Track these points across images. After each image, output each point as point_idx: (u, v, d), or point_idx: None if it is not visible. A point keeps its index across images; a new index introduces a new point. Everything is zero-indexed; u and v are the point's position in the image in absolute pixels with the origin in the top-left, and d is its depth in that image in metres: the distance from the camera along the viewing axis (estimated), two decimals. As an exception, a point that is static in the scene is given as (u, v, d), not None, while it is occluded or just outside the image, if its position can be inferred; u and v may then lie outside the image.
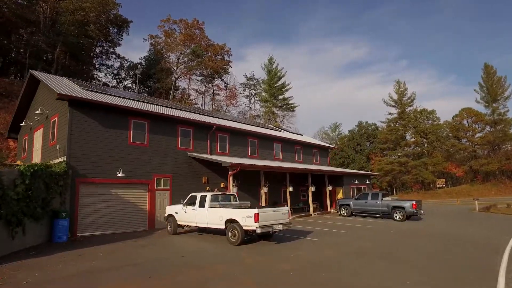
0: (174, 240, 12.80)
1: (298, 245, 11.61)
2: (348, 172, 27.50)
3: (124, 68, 60.50)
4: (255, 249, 10.87)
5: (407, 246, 11.49)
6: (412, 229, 16.01)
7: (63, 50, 43.05)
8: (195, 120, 19.16)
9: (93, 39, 48.58)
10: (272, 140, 24.63)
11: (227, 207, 12.06)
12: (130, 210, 16.05)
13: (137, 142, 16.56)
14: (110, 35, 54.52)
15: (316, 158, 29.20)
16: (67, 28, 42.36)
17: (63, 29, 42.09)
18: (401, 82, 67.52)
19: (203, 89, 56.63)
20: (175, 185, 17.64)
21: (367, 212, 20.81)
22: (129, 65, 59.86)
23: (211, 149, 19.99)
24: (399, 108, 66.39)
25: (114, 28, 54.77)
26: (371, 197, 20.82)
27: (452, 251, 10.52)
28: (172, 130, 18.21)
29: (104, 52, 55.56)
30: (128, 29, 55.91)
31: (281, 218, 11.65)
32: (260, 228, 10.73)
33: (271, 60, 60.06)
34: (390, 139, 65.00)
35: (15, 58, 43.36)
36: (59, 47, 41.93)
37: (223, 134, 20.93)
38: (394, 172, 62.49)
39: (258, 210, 10.82)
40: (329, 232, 14.80)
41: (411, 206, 18.99)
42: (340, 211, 22.04)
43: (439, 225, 17.70)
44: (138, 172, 16.35)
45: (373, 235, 13.95)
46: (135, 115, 16.60)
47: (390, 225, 17.60)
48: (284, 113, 60.14)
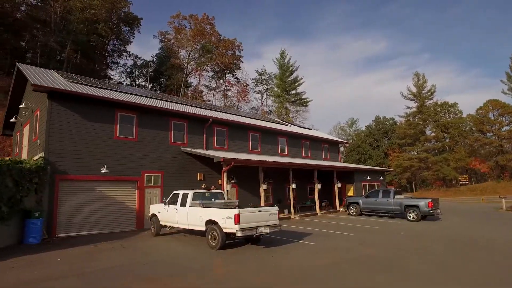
0: (151, 243, 11.49)
1: (288, 250, 10.04)
2: (359, 168, 25.53)
3: (137, 67, 60.36)
4: (235, 255, 9.39)
5: (419, 253, 9.68)
6: (427, 231, 14.06)
7: (73, 49, 42.91)
8: (189, 113, 17.82)
9: (103, 37, 48.35)
10: (276, 134, 23.01)
11: (209, 207, 10.60)
12: (117, 209, 14.91)
13: (124, 136, 15.39)
14: (122, 33, 54.31)
15: (326, 154, 27.35)
16: (76, 27, 42.15)
17: (73, 28, 41.89)
18: (420, 74, 64.20)
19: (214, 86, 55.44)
20: (167, 183, 16.39)
21: (377, 211, 18.89)
22: (142, 63, 59.63)
23: (207, 143, 18.62)
24: (418, 101, 63.06)
25: (126, 26, 54.52)
26: (382, 195, 18.87)
27: (475, 260, 8.65)
28: (164, 123, 16.95)
29: (116, 51, 55.46)
30: (139, 26, 55.55)
31: (268, 219, 10.09)
32: (241, 231, 9.23)
33: (283, 54, 58.17)
34: (408, 134, 61.84)
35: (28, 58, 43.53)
36: (69, 45, 41.79)
37: (221, 128, 19.51)
38: (413, 169, 59.40)
39: (239, 210, 9.32)
40: (330, 234, 13.11)
41: (426, 205, 16.95)
42: (349, 210, 20.21)
43: (460, 226, 15.61)
44: (125, 168, 15.19)
45: (380, 239, 12.16)
46: (122, 108, 15.44)
47: (402, 226, 15.68)
48: (297, 108, 58.21)
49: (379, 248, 10.38)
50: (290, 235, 12.79)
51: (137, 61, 59.65)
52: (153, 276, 7.04)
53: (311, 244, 11.03)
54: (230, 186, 15.86)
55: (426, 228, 14.86)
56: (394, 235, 13.02)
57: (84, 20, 43.66)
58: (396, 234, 13.13)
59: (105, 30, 45.73)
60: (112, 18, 51.11)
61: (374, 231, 14.09)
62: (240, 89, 55.36)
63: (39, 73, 16.06)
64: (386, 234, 13.14)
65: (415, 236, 12.74)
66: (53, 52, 42.42)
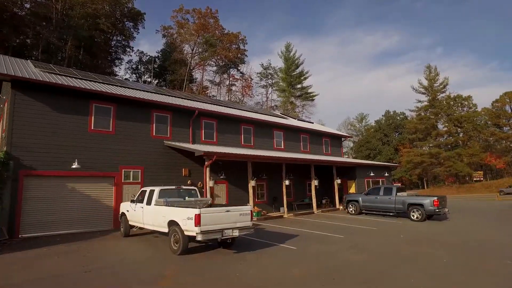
0: (113, 246, 10.26)
1: (262, 256, 8.63)
2: (361, 163, 23.81)
3: (143, 63, 59.61)
4: (198, 261, 8.03)
5: (415, 261, 8.13)
6: (431, 233, 12.40)
7: (75, 45, 42.17)
8: (173, 105, 16.51)
9: (106, 33, 47.58)
10: (271, 127, 21.51)
11: (176, 206, 9.26)
12: (92, 207, 13.76)
13: (100, 129, 14.20)
14: (126, 29, 53.51)
15: (327, 148, 25.69)
16: (77, 22, 41.42)
17: (73, 23, 41.18)
18: (432, 67, 61.43)
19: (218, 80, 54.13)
20: (148, 178, 15.17)
21: (378, 210, 17.24)
22: (148, 59, 58.79)
23: (194, 137, 17.31)
24: (430, 95, 60.37)
25: (130, 22, 53.68)
26: (384, 192, 17.19)
27: (484, 274, 7.05)
28: (145, 116, 15.71)
29: (119, 47, 54.71)
30: (143, 22, 54.61)
31: (239, 220, 8.68)
32: (202, 234, 7.87)
33: (289, 47, 56.31)
34: (419, 128, 59.33)
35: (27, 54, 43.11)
36: (70, 41, 41.12)
37: (210, 121, 18.16)
38: (424, 164, 56.93)
39: (200, 210, 7.94)
40: (319, 237, 11.62)
41: (432, 203, 15.22)
42: (348, 209, 18.59)
43: (469, 228, 13.85)
44: (101, 163, 14.02)
45: (374, 242, 10.61)
46: (97, 99, 14.24)
47: (403, 227, 14.03)
48: (303, 103, 56.31)
49: (369, 254, 8.86)
50: (273, 237, 11.37)
51: (143, 57, 58.97)
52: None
53: (292, 248, 9.58)
54: (213, 182, 14.51)
55: (430, 230, 13.19)
56: (392, 237, 11.43)
57: (85, 15, 42.91)
58: (394, 237, 11.54)
59: (107, 25, 44.83)
60: (116, 14, 50.39)
61: (370, 232, 12.52)
62: (244, 83, 53.89)
63: (11, 62, 15.02)
64: (383, 237, 11.56)
65: (415, 239, 11.12)
66: (55, 49, 41.81)
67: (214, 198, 17.39)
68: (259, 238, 11.14)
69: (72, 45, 42.06)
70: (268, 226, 14.23)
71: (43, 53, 40.30)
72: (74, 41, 41.73)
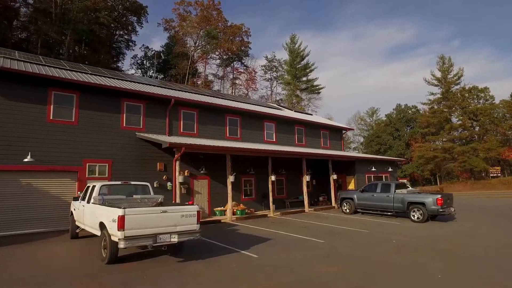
0: (48, 250, 8.79)
1: (210, 266, 6.97)
2: (361, 157, 21.77)
3: (148, 58, 58.67)
4: (123, 274, 6.43)
5: (401, 276, 6.32)
6: (431, 237, 10.45)
7: (73, 39, 41.33)
8: (146, 93, 14.96)
9: (107, 27, 46.63)
10: (261, 119, 19.73)
11: (112, 204, 7.68)
12: (52, 204, 12.40)
13: (60, 119, 12.80)
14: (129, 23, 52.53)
15: (325, 141, 23.74)
16: (75, 15, 40.50)
17: (72, 17, 40.29)
18: (445, 57, 57.94)
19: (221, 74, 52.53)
20: (117, 173, 13.70)
21: (375, 209, 15.29)
22: (153, 54, 57.78)
23: (171, 128, 15.76)
24: (443, 87, 57.04)
25: (132, 16, 52.64)
26: (381, 188, 15.22)
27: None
28: (114, 105, 14.23)
29: (123, 41, 53.81)
30: (146, 16, 53.52)
31: (180, 223, 7.04)
32: (125, 240, 6.28)
33: (294, 38, 54.00)
34: (432, 122, 56.17)
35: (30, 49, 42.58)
36: (69, 35, 40.29)
37: (190, 111, 16.56)
38: (437, 160, 53.86)
39: (125, 211, 6.34)
40: (295, 242, 9.87)
41: (435, 202, 13.20)
42: (342, 207, 16.70)
43: (479, 230, 11.81)
44: (62, 157, 12.63)
45: (359, 249, 8.79)
46: (57, 86, 12.83)
47: (399, 229, 12.11)
48: (309, 96, 54.08)
49: (345, 266, 7.08)
50: (240, 241, 9.70)
51: (148, 52, 58.01)
52: None
53: (252, 257, 7.88)
54: (183, 177, 12.92)
55: (431, 233, 11.22)
56: (382, 243, 9.57)
57: (85, 9, 41.95)
58: (384, 242, 9.68)
59: (107, 19, 43.82)
60: (117, 7, 49.43)
61: (358, 236, 10.67)
62: (248, 77, 52.11)
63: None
64: (371, 242, 9.71)
65: (410, 245, 9.23)
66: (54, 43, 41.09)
67: (194, 195, 15.89)
68: (223, 242, 9.49)
69: (72, 39, 41.26)
70: (244, 227, 12.56)
71: (43, 48, 39.63)
72: (73, 35, 40.90)
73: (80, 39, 43.73)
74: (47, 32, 38.76)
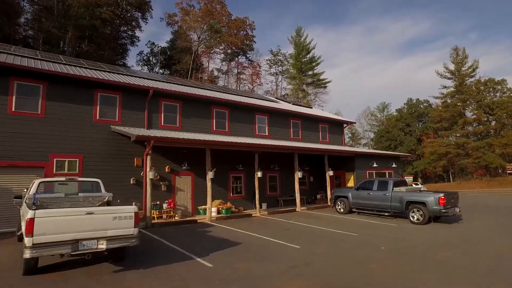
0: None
1: (146, 279, 5.76)
2: (361, 152, 20.17)
3: (154, 54, 58.08)
4: (38, 285, 5.31)
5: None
6: (428, 243, 8.97)
7: (75, 35, 40.83)
8: (121, 83, 13.83)
9: (110, 22, 46.00)
10: (252, 111, 18.40)
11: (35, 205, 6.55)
12: (12, 202, 11.45)
13: (24, 111, 11.82)
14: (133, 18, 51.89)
15: (324, 135, 22.21)
16: (77, 11, 39.95)
17: (73, 12, 39.76)
18: (459, 49, 55.06)
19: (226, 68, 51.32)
20: (90, 169, 12.67)
21: (371, 209, 13.79)
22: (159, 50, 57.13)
23: (150, 121, 14.63)
24: (457, 80, 54.26)
25: (136, 12, 51.95)
26: (378, 186, 13.70)
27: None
28: (87, 96, 13.16)
29: (127, 37, 53.22)
30: (150, 11, 52.75)
31: (111, 227, 5.84)
32: (32, 249, 5.12)
33: (300, 31, 52.16)
34: (445, 117, 53.59)
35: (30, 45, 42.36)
36: (71, 31, 39.80)
37: (172, 103, 15.39)
38: (450, 156, 51.37)
39: (35, 212, 5.18)
40: (267, 247, 8.57)
41: (437, 202, 11.63)
42: (336, 206, 15.25)
43: (488, 233, 10.23)
44: (26, 151, 11.66)
45: (335, 259, 7.43)
46: (19, 76, 11.84)
47: (394, 232, 10.64)
48: (316, 90, 52.23)
49: (311, 281, 5.75)
50: (201, 246, 8.45)
51: (154, 49, 57.41)
52: None
53: (206, 266, 6.63)
54: (154, 173, 11.74)
55: (430, 238, 9.73)
56: (368, 249, 8.17)
57: (86, 4, 41.34)
58: (372, 248, 8.28)
59: (109, 14, 43.14)
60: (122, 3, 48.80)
61: (343, 241, 9.28)
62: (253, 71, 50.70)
63: None
64: (355, 249, 8.32)
65: (400, 253, 7.80)
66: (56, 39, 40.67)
67: (175, 192, 14.77)
68: (183, 247, 8.27)
69: (74, 35, 40.78)
70: (220, 229, 11.31)
71: (45, 44, 39.33)
72: (74, 31, 40.40)
73: (83, 35, 43.27)
74: (48, 29, 38.37)
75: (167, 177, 14.66)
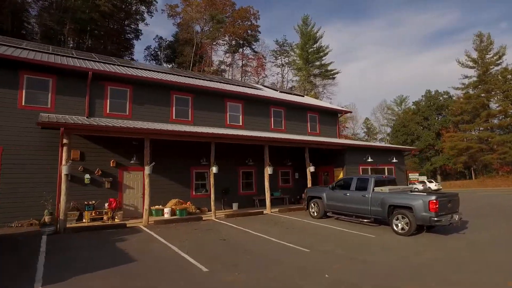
0: None
1: None
2: (353, 144, 17.17)
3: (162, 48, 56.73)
4: None
5: None
6: (404, 269, 6.25)
7: (72, 28, 39.74)
8: (54, 64, 11.74)
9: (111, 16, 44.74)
10: (222, 98, 15.90)
11: None
12: None
13: None
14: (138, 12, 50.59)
15: (314, 126, 19.36)
16: (73, 3, 38.80)
17: (70, 5, 38.63)
18: (483, 35, 49.94)
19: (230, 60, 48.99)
20: (12, 163, 10.75)
21: (349, 213, 11.01)
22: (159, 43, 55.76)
23: (93, 108, 12.50)
24: (480, 69, 49.26)
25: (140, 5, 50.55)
26: (357, 185, 10.88)
27: None
28: (10, 79, 11.19)
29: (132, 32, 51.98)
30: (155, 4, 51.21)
31: None
32: None
33: (306, 20, 48.78)
34: (466, 109, 48.89)
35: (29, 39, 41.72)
36: (68, 24, 38.74)
37: (119, 88, 13.18)
38: (472, 151, 46.77)
39: None
40: (163, 269, 6.13)
41: (426, 207, 8.76)
42: (309, 209, 12.53)
43: (496, 251, 7.32)
44: None
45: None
46: None
47: (363, 248, 7.92)
48: (324, 82, 48.86)
49: None
50: (73, 264, 6.11)
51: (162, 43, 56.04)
52: None
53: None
54: (67, 168, 9.57)
55: (411, 258, 6.94)
56: (306, 279, 5.58)
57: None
58: (312, 277, 5.67)
59: (108, 7, 41.79)
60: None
61: (280, 264, 6.69)
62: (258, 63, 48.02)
63: None
64: (290, 276, 5.74)
65: (352, 283, 5.18)
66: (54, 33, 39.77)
67: (122, 190, 12.63)
68: (47, 265, 5.99)
69: (71, 28, 39.72)
70: (143, 236, 8.96)
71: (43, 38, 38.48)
72: (72, 24, 39.31)
73: (83, 29, 42.26)
74: (45, 22, 37.47)
75: (112, 172, 12.53)
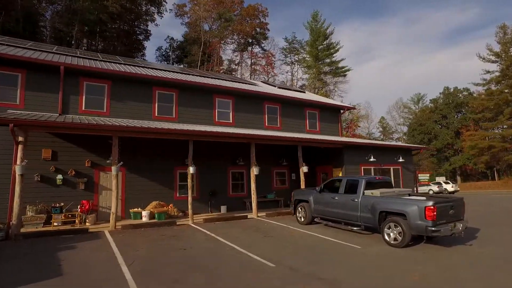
0: None
1: None
2: (352, 142, 15.68)
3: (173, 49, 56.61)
4: None
5: None
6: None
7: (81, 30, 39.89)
8: (22, 58, 11.03)
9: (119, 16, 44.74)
10: (211, 93, 14.85)
11: None
12: None
13: None
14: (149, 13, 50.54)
15: (313, 124, 17.99)
16: (81, 5, 38.89)
17: (79, 6, 38.75)
18: (507, 26, 46.68)
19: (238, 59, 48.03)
20: (-24, 163, 10.11)
21: (337, 219, 9.67)
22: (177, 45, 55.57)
23: (66, 105, 11.74)
24: (503, 62, 46.04)
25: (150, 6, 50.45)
26: (346, 187, 9.55)
27: None
28: (-24, 73, 10.60)
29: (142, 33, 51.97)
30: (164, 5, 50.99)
31: None
32: None
33: (316, 16, 47.08)
34: (488, 106, 45.84)
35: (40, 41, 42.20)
36: (77, 26, 38.90)
37: (97, 83, 12.38)
38: (493, 150, 43.78)
39: None
40: (89, 286, 5.13)
41: (422, 214, 7.36)
42: (296, 214, 11.24)
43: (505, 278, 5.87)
44: None
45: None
46: None
47: (333, 267, 6.64)
48: (335, 80, 46.98)
49: None
50: None
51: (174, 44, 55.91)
52: None
53: None
54: (21, 168, 8.71)
55: (391, 277, 5.62)
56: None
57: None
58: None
59: (116, 8, 41.75)
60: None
61: (224, 282, 5.55)
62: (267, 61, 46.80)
63: None
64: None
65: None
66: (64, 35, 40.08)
67: (98, 191, 11.82)
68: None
69: (80, 30, 39.88)
70: (93, 244, 7.99)
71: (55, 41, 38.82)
72: (80, 26, 39.47)
73: (92, 30, 42.43)
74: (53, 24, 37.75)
75: (87, 173, 11.73)
